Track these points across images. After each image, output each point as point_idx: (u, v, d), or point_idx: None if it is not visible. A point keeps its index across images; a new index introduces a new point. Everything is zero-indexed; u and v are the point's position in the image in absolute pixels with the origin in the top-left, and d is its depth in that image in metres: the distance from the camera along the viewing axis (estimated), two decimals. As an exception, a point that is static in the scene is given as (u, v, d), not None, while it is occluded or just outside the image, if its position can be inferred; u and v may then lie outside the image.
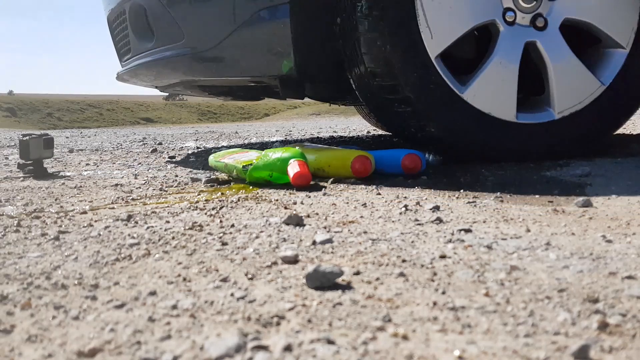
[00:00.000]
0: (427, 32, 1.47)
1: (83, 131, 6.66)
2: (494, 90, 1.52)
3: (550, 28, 1.53)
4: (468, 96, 1.50)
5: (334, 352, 0.48)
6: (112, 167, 2.03)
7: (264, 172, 1.34)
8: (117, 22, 2.16)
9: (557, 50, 1.54)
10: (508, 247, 0.79)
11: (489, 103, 1.52)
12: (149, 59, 1.87)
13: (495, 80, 1.52)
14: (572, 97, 1.56)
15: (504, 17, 1.52)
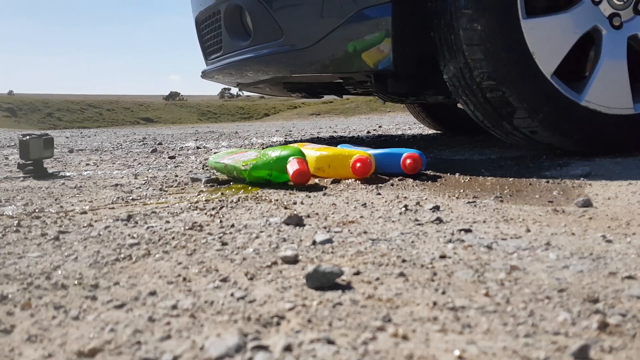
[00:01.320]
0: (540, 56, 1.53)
1: (83, 131, 6.65)
2: (609, 90, 1.57)
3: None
4: (588, 102, 1.55)
5: (334, 352, 0.48)
6: (112, 167, 2.03)
7: (264, 171, 1.34)
8: (208, 22, 2.23)
9: None
10: (508, 247, 0.79)
11: (608, 102, 1.56)
12: (244, 56, 1.93)
13: (608, 80, 1.56)
14: None
15: (611, 23, 1.57)
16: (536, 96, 1.52)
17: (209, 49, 2.29)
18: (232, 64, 2.00)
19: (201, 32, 2.36)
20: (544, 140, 1.58)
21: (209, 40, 2.26)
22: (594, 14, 1.57)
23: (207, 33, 2.28)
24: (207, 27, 2.26)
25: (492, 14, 1.50)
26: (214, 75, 2.23)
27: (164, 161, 2.20)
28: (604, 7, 1.56)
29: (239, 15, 1.97)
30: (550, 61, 1.53)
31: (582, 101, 1.55)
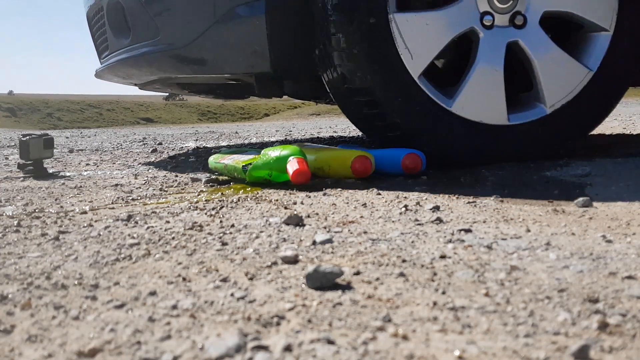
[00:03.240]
0: (407, 53, 1.44)
1: (83, 131, 6.66)
2: (482, 97, 1.49)
3: (530, 24, 1.50)
4: (456, 108, 1.48)
5: (334, 352, 0.48)
6: (112, 167, 2.03)
7: (264, 171, 1.34)
8: (95, 18, 2.14)
9: (540, 45, 1.51)
10: (508, 247, 0.79)
11: (479, 111, 1.49)
12: (125, 55, 1.84)
13: (482, 87, 1.49)
14: (561, 89, 1.53)
15: (482, 22, 1.48)
16: (402, 99, 1.45)
17: (100, 47, 2.20)
18: (117, 64, 1.91)
19: (92, 28, 2.26)
20: (422, 148, 1.48)
21: (99, 37, 2.17)
22: (472, 15, 1.48)
23: (96, 30, 2.18)
24: (95, 23, 2.17)
25: (360, 11, 1.42)
26: (105, 74, 2.14)
27: (164, 161, 2.20)
28: (482, 7, 1.48)
29: (121, 12, 1.84)
30: (419, 61, 1.45)
31: (450, 107, 1.48)
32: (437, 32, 1.46)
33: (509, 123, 1.52)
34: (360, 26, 1.43)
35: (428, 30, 1.46)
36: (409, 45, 1.44)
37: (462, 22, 1.48)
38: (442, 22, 1.46)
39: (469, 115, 1.49)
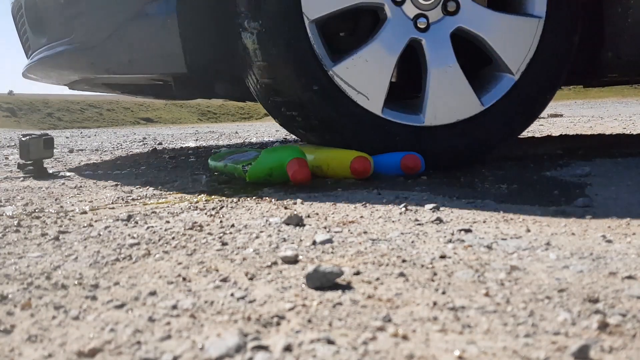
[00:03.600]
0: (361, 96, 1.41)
1: (83, 131, 6.66)
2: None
3: (440, 31, 1.44)
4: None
5: (334, 352, 0.48)
6: (112, 167, 2.03)
7: (264, 171, 1.34)
8: (18, 15, 2.07)
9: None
10: (508, 247, 0.79)
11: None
12: (44, 54, 1.77)
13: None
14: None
15: (417, 27, 1.42)
16: (375, 139, 1.43)
17: (25, 46, 2.12)
18: (37, 63, 1.82)
19: (17, 25, 2.17)
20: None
21: (22, 35, 2.09)
22: (405, 27, 1.42)
23: (20, 28, 2.11)
24: (18, 21, 2.10)
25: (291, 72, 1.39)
26: (29, 74, 2.07)
27: (164, 161, 2.20)
28: (410, 11, 1.42)
29: (37, 9, 1.76)
30: (376, 98, 1.41)
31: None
32: (382, 70, 1.42)
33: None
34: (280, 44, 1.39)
35: (374, 72, 1.42)
36: (361, 90, 1.42)
37: (399, 41, 1.42)
38: (381, 53, 1.41)
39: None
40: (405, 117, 1.47)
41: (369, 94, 1.43)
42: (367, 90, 1.43)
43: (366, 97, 1.43)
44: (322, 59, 1.41)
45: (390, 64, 1.42)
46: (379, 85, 1.43)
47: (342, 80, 1.41)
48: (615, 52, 1.48)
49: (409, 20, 1.43)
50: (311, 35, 1.40)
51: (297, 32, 1.39)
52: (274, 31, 1.39)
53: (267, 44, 1.40)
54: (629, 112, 5.85)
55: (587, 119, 4.79)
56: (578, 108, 8.66)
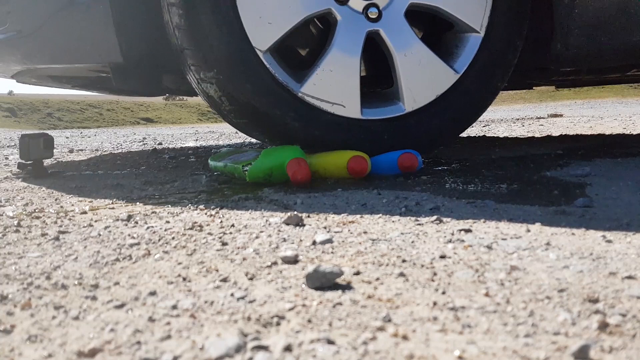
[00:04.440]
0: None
1: (83, 131, 6.66)
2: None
3: (394, 14, 1.42)
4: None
5: (334, 352, 0.48)
6: (112, 167, 2.03)
7: (264, 171, 1.34)
8: None
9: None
10: (508, 247, 0.79)
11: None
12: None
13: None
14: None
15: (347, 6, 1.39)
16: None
17: None
18: None
19: None
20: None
21: None
22: (358, 24, 1.40)
23: None
24: None
25: None
26: None
27: (164, 161, 2.20)
28: (357, 4, 1.40)
29: None
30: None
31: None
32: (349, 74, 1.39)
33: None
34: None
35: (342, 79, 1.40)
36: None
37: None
38: (342, 58, 1.39)
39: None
40: (385, 110, 1.45)
41: (344, 102, 1.42)
42: (341, 99, 1.41)
43: (342, 105, 1.42)
44: (289, 85, 1.40)
45: (355, 66, 1.41)
46: (351, 90, 1.41)
47: (314, 98, 1.40)
48: (563, 44, 1.46)
49: (359, 15, 1.41)
50: (269, 66, 1.38)
51: (254, 68, 1.37)
52: (231, 76, 1.37)
53: (229, 88, 1.39)
54: (629, 112, 5.85)
55: (587, 119, 4.80)
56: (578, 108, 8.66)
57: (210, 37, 1.36)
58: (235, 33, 1.36)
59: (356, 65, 1.41)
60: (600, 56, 1.51)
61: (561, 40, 1.45)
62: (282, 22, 1.37)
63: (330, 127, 1.43)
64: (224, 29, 1.35)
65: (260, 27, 1.36)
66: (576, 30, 1.43)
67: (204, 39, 1.36)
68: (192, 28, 1.37)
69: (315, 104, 1.41)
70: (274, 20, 1.36)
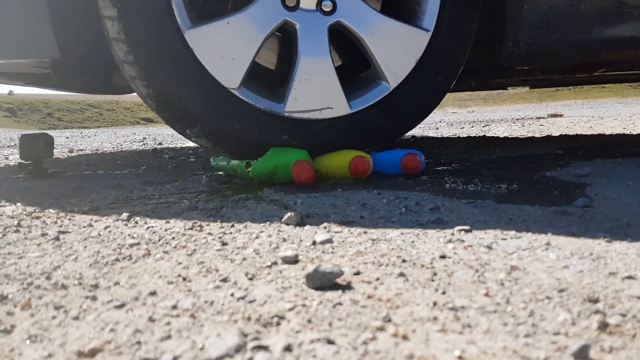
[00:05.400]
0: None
1: (83, 131, 6.66)
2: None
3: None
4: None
5: (334, 352, 0.48)
6: (112, 167, 2.03)
7: (268, 168, 1.33)
8: None
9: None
10: (508, 247, 0.79)
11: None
12: None
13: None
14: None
15: (284, 3, 1.36)
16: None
17: None
18: None
19: None
20: None
21: None
22: (280, 7, 1.36)
23: None
24: None
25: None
26: None
27: (164, 161, 2.20)
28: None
29: None
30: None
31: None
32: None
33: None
34: None
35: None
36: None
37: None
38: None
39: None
40: (372, 95, 1.44)
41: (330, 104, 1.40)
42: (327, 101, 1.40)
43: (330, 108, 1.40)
44: (272, 109, 1.39)
45: (328, 65, 1.39)
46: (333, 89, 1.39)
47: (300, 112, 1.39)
48: (514, 41, 1.43)
49: (315, 13, 1.39)
50: (248, 99, 1.37)
51: (236, 108, 1.36)
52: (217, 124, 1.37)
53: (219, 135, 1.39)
54: (629, 112, 5.85)
55: (587, 119, 4.80)
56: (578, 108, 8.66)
57: (183, 98, 1.36)
58: (206, 84, 1.36)
59: (329, 64, 1.39)
60: (552, 55, 1.48)
61: (512, 39, 1.44)
62: (244, 53, 1.36)
63: (326, 132, 1.42)
64: (193, 83, 1.35)
65: (225, 67, 1.36)
66: (526, 28, 1.41)
67: (178, 102, 1.37)
68: (162, 95, 1.38)
69: (304, 117, 1.41)
70: (236, 54, 1.36)
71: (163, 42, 1.33)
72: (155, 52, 1.33)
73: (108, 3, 1.31)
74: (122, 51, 1.34)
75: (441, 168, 1.58)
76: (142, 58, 1.34)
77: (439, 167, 1.61)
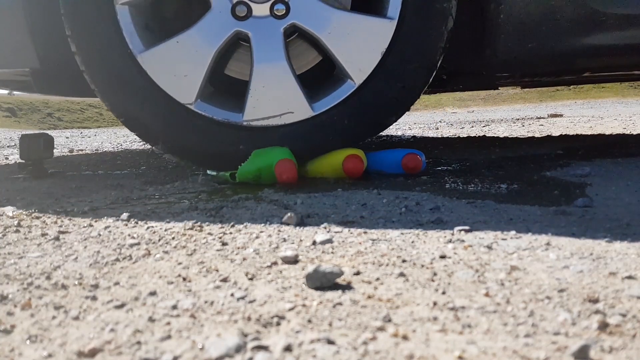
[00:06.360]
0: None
1: (83, 131, 6.66)
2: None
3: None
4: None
5: (334, 352, 0.48)
6: (112, 167, 2.03)
7: (252, 172, 1.34)
8: None
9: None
10: (508, 247, 0.79)
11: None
12: None
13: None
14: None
15: (235, 13, 1.35)
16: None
17: None
18: None
19: None
20: None
21: None
22: (230, 18, 1.36)
23: None
24: None
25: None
26: None
27: (164, 161, 2.20)
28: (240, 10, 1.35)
29: None
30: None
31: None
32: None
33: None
34: None
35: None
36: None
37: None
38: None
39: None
40: (335, 95, 1.40)
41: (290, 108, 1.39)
42: (286, 106, 1.38)
43: (290, 112, 1.39)
44: (230, 119, 1.39)
45: (285, 69, 1.37)
46: (292, 93, 1.37)
47: (260, 120, 1.38)
48: (492, 50, 1.43)
49: (268, 18, 1.37)
50: (205, 113, 1.38)
51: (193, 122, 1.38)
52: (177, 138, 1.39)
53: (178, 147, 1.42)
54: (629, 112, 5.85)
55: (587, 119, 4.80)
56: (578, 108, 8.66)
57: (143, 118, 1.39)
58: (163, 102, 1.38)
59: (286, 68, 1.37)
60: (530, 62, 1.48)
61: (490, 46, 1.43)
62: (196, 69, 1.36)
63: (287, 138, 1.39)
64: (150, 103, 1.38)
65: (179, 84, 1.37)
66: (502, 36, 1.40)
67: (138, 122, 1.40)
68: (123, 117, 1.41)
69: (264, 125, 1.39)
70: (188, 71, 1.36)
71: (117, 68, 1.36)
72: (110, 77, 1.37)
73: (66, 24, 1.35)
74: (82, 67, 1.38)
75: (441, 168, 1.58)
76: (99, 82, 1.38)
77: (439, 167, 1.61)
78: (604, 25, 1.40)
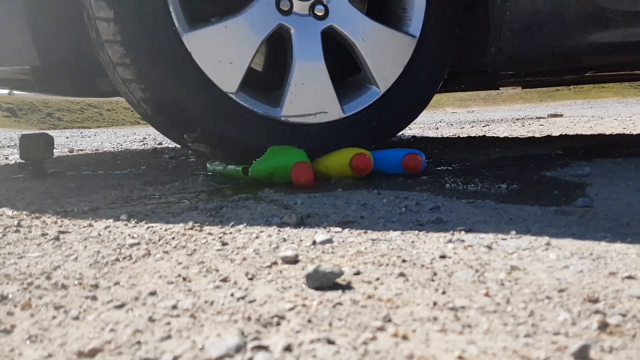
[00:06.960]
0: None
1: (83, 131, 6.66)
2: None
3: (339, 4, 1.41)
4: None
5: (334, 352, 0.48)
6: (112, 167, 2.03)
7: (267, 169, 1.33)
8: None
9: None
10: (508, 247, 0.79)
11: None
12: None
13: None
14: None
15: (279, 7, 1.37)
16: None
17: None
18: None
19: None
20: None
21: None
22: (275, 11, 1.37)
23: None
24: None
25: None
26: None
27: (164, 161, 2.20)
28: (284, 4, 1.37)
29: None
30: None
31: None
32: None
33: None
34: None
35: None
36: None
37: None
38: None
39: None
40: (363, 99, 1.46)
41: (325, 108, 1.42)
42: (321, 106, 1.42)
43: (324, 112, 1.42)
44: (269, 113, 1.38)
45: (322, 70, 1.40)
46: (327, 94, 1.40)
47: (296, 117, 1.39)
48: (497, 47, 1.45)
49: (308, 18, 1.40)
50: (246, 104, 1.37)
51: (234, 112, 1.36)
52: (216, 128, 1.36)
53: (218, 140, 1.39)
54: (629, 112, 5.85)
55: (587, 119, 4.80)
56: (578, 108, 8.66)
57: (182, 102, 1.34)
58: (204, 87, 1.35)
59: (323, 68, 1.40)
60: (535, 60, 1.50)
61: (495, 44, 1.45)
62: (241, 57, 1.35)
63: (320, 137, 1.43)
64: (191, 86, 1.34)
65: (223, 71, 1.35)
66: (508, 34, 1.42)
67: (176, 106, 1.35)
68: (160, 99, 1.35)
69: (299, 122, 1.41)
70: (234, 58, 1.35)
71: (161, 45, 1.32)
72: (153, 54, 1.32)
73: (103, 4, 1.30)
74: (117, 54, 1.32)
75: (441, 168, 1.58)
76: (139, 61, 1.32)
77: (439, 167, 1.61)
78: (611, 23, 1.40)
